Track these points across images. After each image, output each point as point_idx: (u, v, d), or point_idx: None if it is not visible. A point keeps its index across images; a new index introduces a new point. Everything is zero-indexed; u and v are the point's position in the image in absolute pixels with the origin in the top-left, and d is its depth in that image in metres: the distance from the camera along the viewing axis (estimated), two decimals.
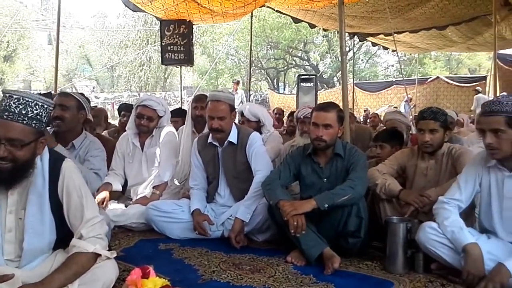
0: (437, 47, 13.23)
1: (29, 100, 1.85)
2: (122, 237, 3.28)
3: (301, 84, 11.13)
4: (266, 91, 26.52)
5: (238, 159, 3.27)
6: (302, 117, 3.91)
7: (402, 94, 16.15)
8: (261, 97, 25.59)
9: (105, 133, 4.94)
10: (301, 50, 28.30)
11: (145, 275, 1.98)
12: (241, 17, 9.54)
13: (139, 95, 21.13)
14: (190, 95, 19.12)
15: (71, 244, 1.94)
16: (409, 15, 8.41)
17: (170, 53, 8.56)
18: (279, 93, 24.73)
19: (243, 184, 3.25)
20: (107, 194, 3.42)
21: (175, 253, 2.96)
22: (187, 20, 8.28)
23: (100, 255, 1.94)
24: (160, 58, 9.03)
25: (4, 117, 1.82)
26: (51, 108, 1.98)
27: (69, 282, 1.82)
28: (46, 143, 1.99)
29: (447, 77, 18.70)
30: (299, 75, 12.34)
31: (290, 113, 6.16)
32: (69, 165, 2.04)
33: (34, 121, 1.86)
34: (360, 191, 2.71)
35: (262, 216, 3.10)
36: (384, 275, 2.58)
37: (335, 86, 23.82)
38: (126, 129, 3.87)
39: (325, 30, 11.35)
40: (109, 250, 2.03)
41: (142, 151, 3.75)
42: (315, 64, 28.36)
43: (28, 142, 1.85)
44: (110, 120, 6.43)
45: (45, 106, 1.91)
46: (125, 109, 5.13)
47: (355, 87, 14.99)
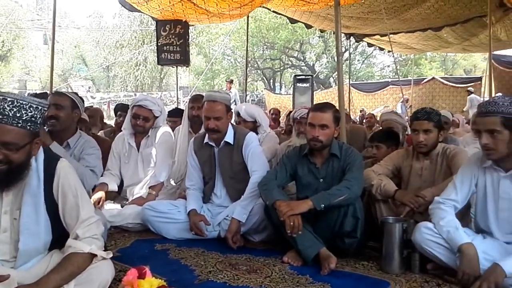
0: (432, 48, 13.27)
1: (23, 103, 1.82)
2: (118, 237, 3.27)
3: (297, 84, 11.13)
4: (262, 91, 26.52)
5: (234, 159, 3.27)
6: (298, 117, 3.91)
7: (398, 94, 16.22)
8: (257, 97, 25.60)
9: (101, 133, 4.93)
10: (297, 50, 28.34)
11: (141, 276, 1.97)
12: (238, 19, 9.54)
13: (135, 95, 21.10)
14: (186, 95, 19.12)
15: (67, 244, 1.93)
16: (405, 16, 8.43)
17: (166, 53, 8.54)
18: (275, 93, 24.74)
19: (239, 185, 3.25)
20: (103, 194, 3.41)
21: (172, 253, 2.96)
22: (183, 21, 8.27)
23: (96, 255, 1.94)
24: (156, 58, 9.02)
25: None
26: (46, 109, 1.97)
27: (65, 282, 1.81)
28: (41, 143, 1.98)
29: (442, 78, 18.74)
30: (295, 76, 12.34)
31: (288, 112, 6.17)
32: (64, 165, 2.03)
33: (29, 124, 1.84)
34: (356, 191, 2.72)
35: (258, 216, 3.10)
36: (380, 275, 2.59)
37: (331, 87, 23.84)
38: (122, 129, 3.87)
39: (321, 31, 11.35)
40: (105, 250, 2.02)
41: (138, 151, 3.75)
42: (311, 65, 28.41)
43: (23, 145, 1.83)
44: (106, 120, 6.41)
45: (40, 108, 1.88)
46: (121, 109, 5.13)
47: (351, 88, 15.00)
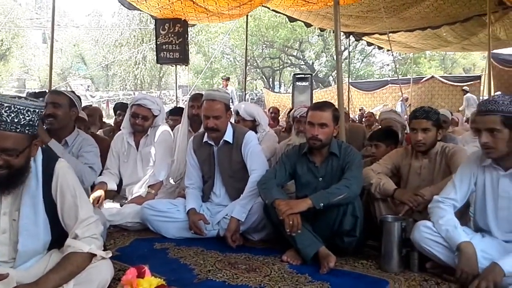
0: (432, 47, 13.25)
1: (21, 108, 1.79)
2: (117, 236, 3.27)
3: (297, 83, 11.14)
4: (262, 90, 26.51)
5: (233, 158, 3.27)
6: (298, 116, 3.92)
7: (397, 93, 16.20)
8: (256, 96, 25.59)
9: (100, 132, 4.93)
10: (296, 49, 28.33)
11: (140, 275, 1.98)
12: (237, 18, 9.53)
13: (134, 94, 21.10)
14: (186, 94, 19.12)
15: (66, 244, 1.93)
16: (404, 14, 8.43)
17: (165, 52, 8.52)
18: (274, 92, 24.74)
19: (238, 183, 3.25)
20: (102, 193, 3.41)
21: (171, 252, 2.96)
22: (182, 19, 8.26)
23: (95, 255, 1.93)
24: (155, 57, 9.01)
25: None
26: (43, 110, 1.95)
27: (64, 282, 1.81)
28: (40, 143, 1.98)
29: (442, 77, 18.73)
30: (294, 74, 12.34)
31: (289, 110, 6.17)
32: (62, 165, 2.03)
33: (27, 128, 1.82)
34: (355, 190, 2.72)
35: (257, 215, 3.10)
36: (379, 274, 2.59)
37: (330, 85, 23.82)
38: (121, 128, 3.87)
39: (321, 29, 11.34)
40: (104, 250, 2.02)
41: (137, 150, 3.75)
42: (310, 63, 28.39)
43: (23, 150, 1.83)
44: (105, 119, 6.41)
45: (37, 111, 1.86)
46: (120, 108, 5.13)
47: (350, 86, 15.00)
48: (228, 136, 3.26)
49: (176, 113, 4.86)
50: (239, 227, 3.10)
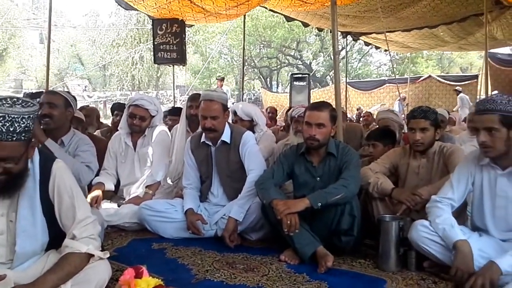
0: (429, 46, 13.29)
1: (15, 116, 1.75)
2: (115, 236, 3.27)
3: (294, 83, 11.14)
4: (259, 90, 26.50)
5: (231, 158, 3.27)
6: (296, 116, 3.91)
7: (395, 92, 16.21)
8: (254, 96, 25.58)
9: (97, 132, 4.92)
10: (294, 49, 28.32)
11: (138, 275, 1.97)
12: (234, 18, 9.53)
13: (132, 94, 21.05)
14: (183, 94, 19.08)
15: (64, 244, 1.92)
16: (401, 14, 8.44)
17: (162, 52, 8.52)
18: (272, 92, 24.72)
19: (236, 183, 3.25)
20: (100, 193, 3.39)
21: (169, 252, 2.96)
22: (180, 19, 8.25)
23: (93, 255, 1.93)
24: (153, 57, 9.00)
25: None
26: (37, 113, 1.93)
27: (62, 282, 1.81)
28: (36, 143, 1.97)
29: (439, 76, 18.77)
30: (292, 74, 12.34)
31: (287, 109, 6.18)
32: (59, 166, 2.02)
33: (23, 134, 1.80)
34: (353, 190, 2.72)
35: (255, 215, 3.10)
36: (377, 273, 2.60)
37: (328, 85, 23.84)
38: (118, 128, 3.86)
39: (319, 29, 11.35)
40: (102, 250, 2.02)
41: (135, 150, 3.74)
42: (308, 63, 28.40)
43: (21, 156, 1.82)
44: (102, 120, 6.40)
45: (31, 116, 1.83)
46: (118, 108, 5.12)
47: (348, 86, 15.02)
48: (226, 136, 3.26)
49: (174, 113, 4.86)
50: (237, 227, 3.10)
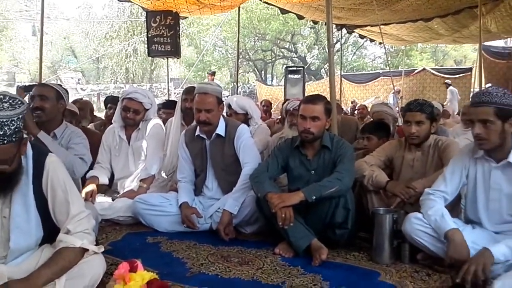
0: (423, 39, 13.30)
1: (4, 120, 1.72)
2: (109, 230, 3.26)
3: (289, 75, 11.14)
4: (254, 82, 26.44)
5: (226, 151, 3.27)
6: (291, 109, 3.91)
7: (389, 85, 16.22)
8: (248, 89, 25.53)
9: (91, 126, 4.89)
10: (288, 41, 28.25)
11: (133, 269, 1.97)
12: (229, 10, 9.47)
13: (126, 86, 20.94)
14: (177, 86, 19.03)
15: (58, 239, 1.92)
16: (396, 6, 8.44)
17: (156, 45, 8.47)
18: (266, 85, 24.66)
19: (231, 177, 3.25)
20: (94, 188, 3.37)
21: (163, 246, 2.96)
22: (174, 11, 8.19)
23: (87, 249, 1.93)
24: (147, 50, 8.93)
25: None
26: (25, 111, 1.86)
27: (56, 277, 1.80)
28: (28, 138, 1.95)
29: (433, 69, 18.79)
30: (286, 67, 12.32)
31: (283, 102, 6.17)
32: (53, 160, 2.01)
33: (14, 135, 1.77)
34: (347, 183, 2.73)
35: (250, 208, 3.10)
36: (371, 266, 2.61)
37: (322, 78, 23.83)
38: (112, 122, 3.84)
39: (314, 22, 11.31)
40: (96, 244, 2.01)
41: (129, 144, 3.72)
42: (302, 56, 28.34)
43: (13, 156, 1.80)
44: (96, 113, 6.36)
45: (21, 117, 1.79)
46: (111, 101, 5.08)
47: (342, 79, 15.00)
48: (221, 130, 3.25)
49: (169, 106, 4.83)
50: (231, 220, 3.10)
